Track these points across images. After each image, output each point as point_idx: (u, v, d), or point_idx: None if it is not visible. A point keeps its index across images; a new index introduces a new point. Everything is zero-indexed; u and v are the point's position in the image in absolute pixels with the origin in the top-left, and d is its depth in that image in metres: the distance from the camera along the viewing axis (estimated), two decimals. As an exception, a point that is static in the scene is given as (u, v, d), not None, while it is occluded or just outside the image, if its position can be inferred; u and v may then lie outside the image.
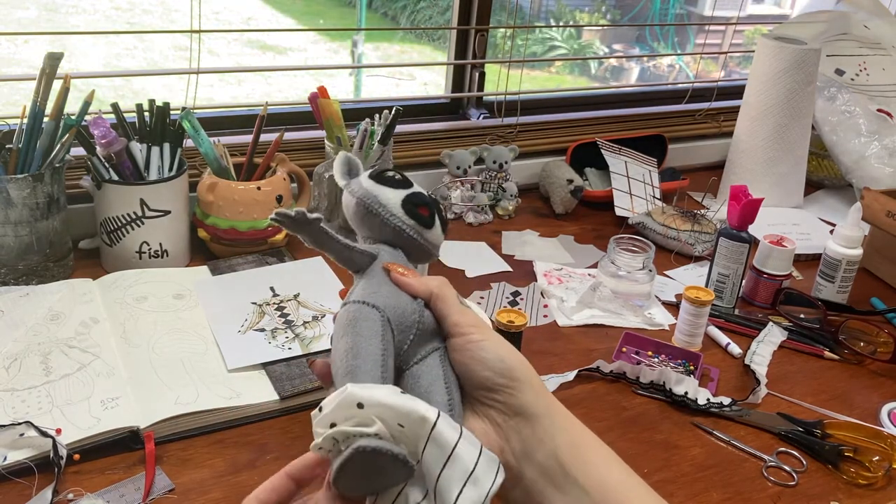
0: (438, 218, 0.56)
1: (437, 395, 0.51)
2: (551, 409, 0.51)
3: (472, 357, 0.51)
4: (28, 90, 0.87)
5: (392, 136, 1.06)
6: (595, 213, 1.24)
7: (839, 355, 0.92)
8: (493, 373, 0.50)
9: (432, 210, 0.56)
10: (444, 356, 0.53)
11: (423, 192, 0.56)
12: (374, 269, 0.54)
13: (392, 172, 0.56)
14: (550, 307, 0.97)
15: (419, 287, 0.53)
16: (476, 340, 0.51)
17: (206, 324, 0.84)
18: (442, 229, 0.57)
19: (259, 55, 4.65)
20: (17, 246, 0.87)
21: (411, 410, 0.45)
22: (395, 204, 0.55)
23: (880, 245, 1.11)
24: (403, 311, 0.52)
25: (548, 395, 0.51)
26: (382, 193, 0.55)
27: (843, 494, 0.71)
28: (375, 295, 0.52)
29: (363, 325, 0.50)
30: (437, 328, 0.53)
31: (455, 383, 0.52)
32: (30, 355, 0.76)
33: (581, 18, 5.36)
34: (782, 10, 4.07)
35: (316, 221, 0.53)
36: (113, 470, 0.65)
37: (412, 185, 0.56)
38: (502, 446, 0.51)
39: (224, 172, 1.00)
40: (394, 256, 0.55)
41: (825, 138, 1.36)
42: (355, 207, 0.56)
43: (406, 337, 0.52)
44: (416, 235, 0.55)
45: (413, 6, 5.66)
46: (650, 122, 1.46)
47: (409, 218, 0.55)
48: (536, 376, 0.52)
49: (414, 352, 0.52)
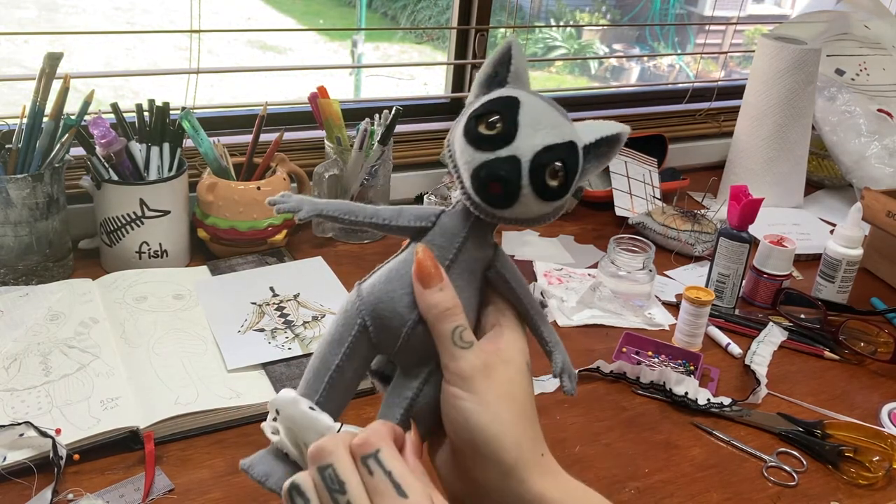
0: (536, 187, 0.43)
1: (393, 415, 0.47)
2: (519, 490, 0.44)
3: (445, 412, 0.45)
4: (28, 90, 0.87)
5: (392, 136, 1.06)
6: (595, 213, 1.24)
7: (839, 355, 0.92)
8: (455, 437, 0.44)
9: (510, 189, 0.43)
10: (429, 379, 0.47)
11: (513, 156, 0.43)
12: (413, 247, 0.47)
13: (495, 119, 0.43)
14: (550, 307, 0.96)
15: (419, 302, 0.45)
16: (453, 395, 0.44)
17: (206, 324, 0.84)
18: (548, 197, 0.44)
19: (259, 55, 4.65)
20: (17, 246, 0.87)
21: (312, 427, 0.45)
22: (465, 171, 0.44)
23: (880, 245, 1.11)
24: (392, 321, 0.46)
25: (519, 476, 0.43)
26: (462, 152, 0.45)
27: (844, 495, 0.71)
28: (374, 287, 0.47)
29: (337, 328, 0.47)
30: (435, 347, 0.46)
31: (427, 412, 0.47)
32: (29, 355, 0.76)
33: (581, 18, 5.36)
34: (782, 10, 4.07)
35: (315, 217, 0.48)
36: (113, 470, 0.65)
37: (511, 140, 0.43)
38: (462, 499, 0.47)
39: (224, 172, 1.00)
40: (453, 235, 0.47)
41: (825, 138, 1.36)
42: (446, 155, 0.47)
43: (392, 343, 0.46)
44: (481, 214, 0.45)
45: (413, 6, 5.66)
46: (650, 122, 1.46)
47: (475, 194, 0.44)
48: (516, 453, 0.43)
49: (408, 358, 0.47)
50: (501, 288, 0.49)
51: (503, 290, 0.49)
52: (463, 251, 0.47)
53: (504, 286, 0.49)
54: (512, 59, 0.46)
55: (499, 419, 0.43)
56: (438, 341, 0.45)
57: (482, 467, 0.44)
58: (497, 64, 0.46)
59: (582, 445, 0.75)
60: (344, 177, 1.06)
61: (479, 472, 0.44)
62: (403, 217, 0.48)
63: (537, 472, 0.44)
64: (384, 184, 1.10)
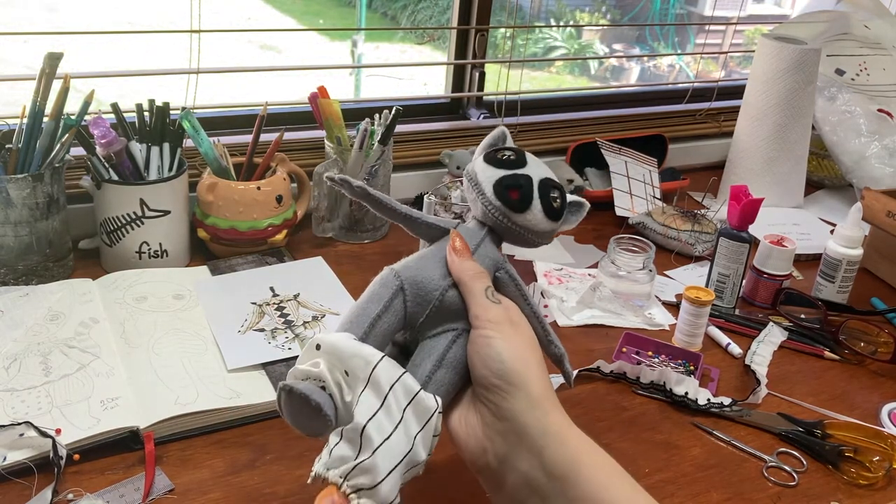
0: (544, 204, 0.55)
1: (423, 368, 0.52)
2: (544, 421, 0.49)
3: (476, 352, 0.51)
4: (28, 90, 0.87)
5: (392, 136, 1.06)
6: (595, 213, 1.22)
7: (839, 355, 0.92)
8: (489, 371, 0.50)
9: (526, 194, 0.55)
10: (458, 339, 0.53)
11: (527, 174, 0.55)
12: (442, 242, 0.56)
13: (508, 153, 0.57)
14: (550, 307, 0.96)
15: (453, 268, 0.53)
16: (485, 336, 0.51)
17: (206, 324, 0.84)
18: (551, 216, 0.56)
19: (259, 55, 4.64)
20: (17, 246, 0.87)
21: (356, 354, 0.48)
22: (488, 183, 0.56)
23: (880, 245, 1.11)
24: (427, 285, 0.53)
25: (545, 407, 0.49)
26: (483, 172, 0.56)
27: (844, 495, 0.71)
28: (408, 264, 0.54)
29: (376, 289, 0.53)
30: (464, 310, 0.53)
31: (454, 367, 0.53)
32: (29, 355, 0.76)
33: (581, 18, 5.36)
34: (782, 10, 4.06)
35: (363, 195, 0.57)
36: (113, 470, 0.65)
37: (523, 166, 0.56)
38: (485, 447, 0.50)
39: (224, 172, 1.00)
40: (473, 234, 0.57)
41: (825, 138, 1.36)
42: (465, 182, 0.58)
43: (423, 309, 0.53)
44: (501, 217, 0.55)
45: (413, 6, 5.66)
46: (650, 122, 1.46)
47: (496, 199, 0.55)
48: (541, 386, 0.50)
49: (431, 326, 0.54)
50: (509, 286, 0.57)
51: (510, 288, 0.58)
52: (479, 251, 0.56)
53: (513, 285, 0.57)
54: (506, 138, 0.61)
55: (526, 357, 0.50)
56: (472, 298, 0.52)
57: (514, 398, 0.49)
58: (496, 141, 0.61)
59: (582, 445, 0.75)
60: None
61: (510, 404, 0.49)
62: (430, 218, 0.58)
63: (557, 411, 0.50)
64: (384, 184, 1.10)
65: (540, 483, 0.48)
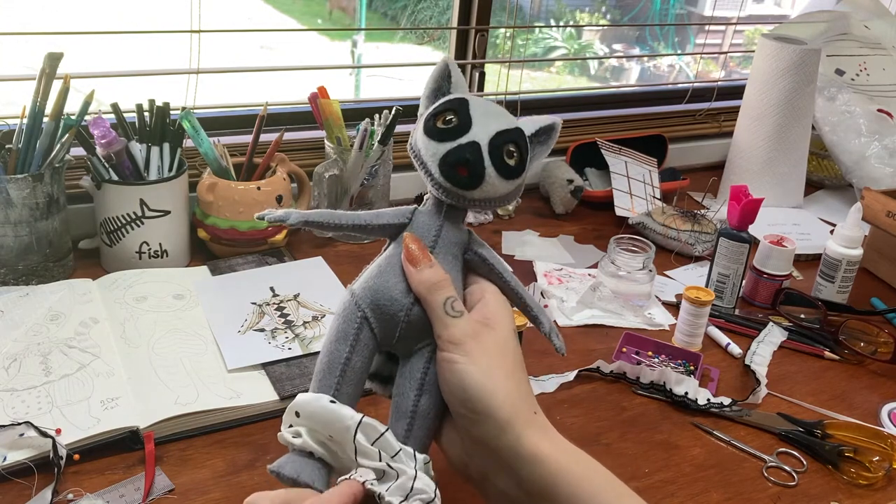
0: (499, 167, 0.48)
1: (407, 398, 0.51)
2: (516, 445, 0.47)
3: (441, 377, 0.49)
4: (28, 90, 0.87)
5: (392, 136, 1.06)
6: (595, 213, 1.24)
7: (839, 355, 0.92)
8: (454, 398, 0.48)
9: (475, 168, 0.48)
10: (433, 356, 0.50)
11: (473, 141, 0.48)
12: (401, 240, 0.51)
13: (449, 115, 0.49)
14: (550, 307, 0.96)
15: (411, 282, 0.49)
16: (447, 361, 0.48)
17: (206, 324, 0.84)
18: (510, 175, 0.49)
19: (259, 55, 4.65)
20: (17, 246, 0.87)
21: (335, 420, 0.47)
22: (433, 163, 0.50)
23: (880, 245, 1.11)
24: (390, 307, 0.49)
25: (515, 430, 0.47)
26: (426, 148, 0.50)
27: (844, 495, 0.71)
28: (367, 284, 0.50)
29: (340, 325, 0.51)
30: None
31: (436, 389, 0.50)
32: (29, 355, 0.76)
33: (581, 18, 5.35)
34: (782, 10, 4.06)
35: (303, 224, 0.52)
36: (113, 470, 0.65)
37: (468, 129, 0.48)
38: (466, 462, 0.50)
39: (224, 172, 1.00)
40: (431, 221, 0.51)
41: (825, 138, 1.36)
42: (412, 159, 0.52)
43: (392, 331, 0.50)
44: (454, 201, 0.50)
45: (413, 6, 5.66)
46: (650, 122, 1.46)
47: (445, 181, 0.49)
48: (509, 408, 0.47)
49: (405, 345, 0.51)
50: (481, 267, 0.54)
51: (482, 269, 0.54)
52: (442, 236, 0.52)
53: (483, 265, 0.54)
54: (451, 74, 0.52)
55: (490, 376, 0.47)
56: (431, 313, 0.48)
57: (481, 425, 0.47)
58: (439, 79, 0.53)
59: (582, 445, 0.74)
60: (344, 177, 1.06)
61: (478, 431, 0.47)
62: (382, 217, 0.53)
63: (531, 429, 0.47)
64: (384, 184, 1.10)
65: (521, 500, 0.48)
